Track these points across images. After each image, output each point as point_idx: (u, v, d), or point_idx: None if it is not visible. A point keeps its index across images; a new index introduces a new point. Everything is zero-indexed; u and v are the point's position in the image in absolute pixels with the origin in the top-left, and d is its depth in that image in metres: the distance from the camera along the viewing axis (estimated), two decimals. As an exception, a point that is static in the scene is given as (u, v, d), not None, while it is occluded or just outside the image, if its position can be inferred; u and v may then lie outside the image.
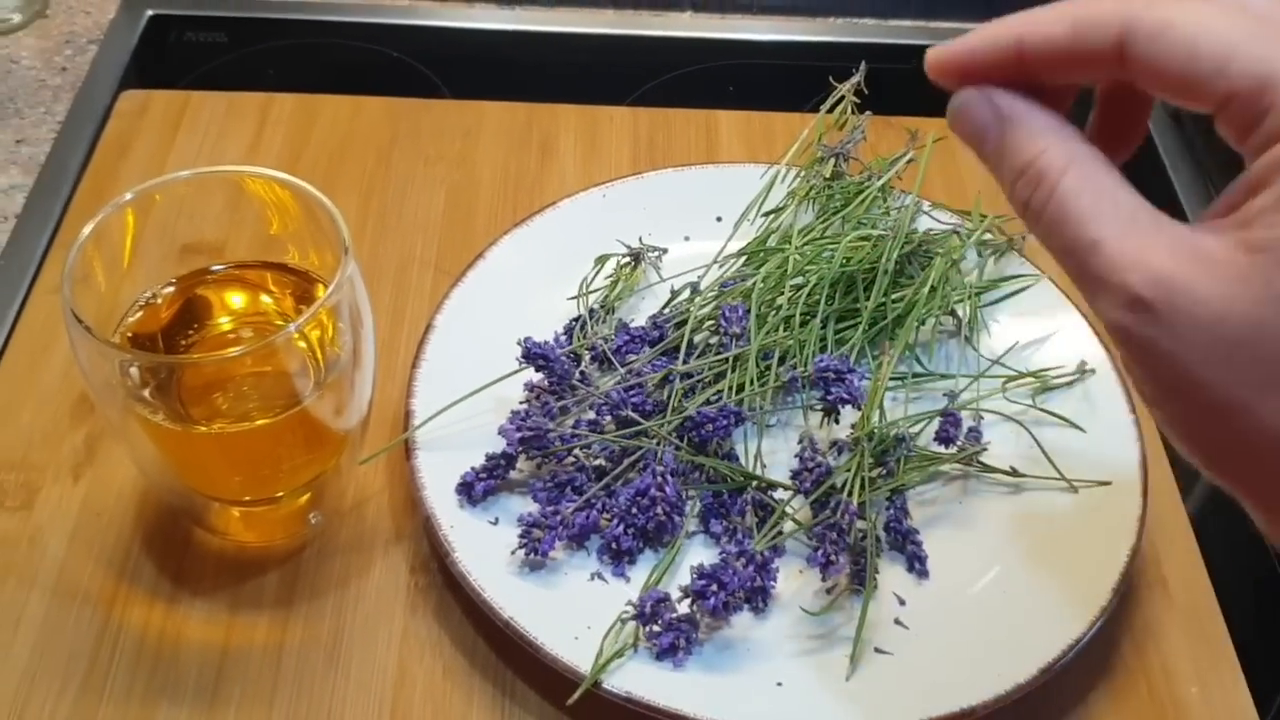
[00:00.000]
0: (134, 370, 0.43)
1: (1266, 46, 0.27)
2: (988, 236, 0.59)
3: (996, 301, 0.58)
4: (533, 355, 0.50)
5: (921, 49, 0.33)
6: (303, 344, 0.45)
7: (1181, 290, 0.27)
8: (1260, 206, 0.27)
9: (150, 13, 0.79)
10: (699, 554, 0.49)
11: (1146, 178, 0.72)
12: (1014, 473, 0.51)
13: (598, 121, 0.70)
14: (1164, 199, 0.71)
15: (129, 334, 0.45)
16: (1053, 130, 0.30)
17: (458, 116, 0.70)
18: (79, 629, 0.47)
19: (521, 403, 0.52)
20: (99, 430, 0.53)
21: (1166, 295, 0.28)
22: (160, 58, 0.77)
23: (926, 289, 0.54)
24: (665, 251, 0.59)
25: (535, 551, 0.47)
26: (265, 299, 0.48)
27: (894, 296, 0.55)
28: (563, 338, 0.56)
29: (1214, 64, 0.27)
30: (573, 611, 0.46)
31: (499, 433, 0.49)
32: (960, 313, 0.56)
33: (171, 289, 0.46)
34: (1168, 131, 0.75)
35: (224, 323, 0.47)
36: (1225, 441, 0.29)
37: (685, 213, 0.61)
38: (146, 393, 0.43)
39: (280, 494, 0.48)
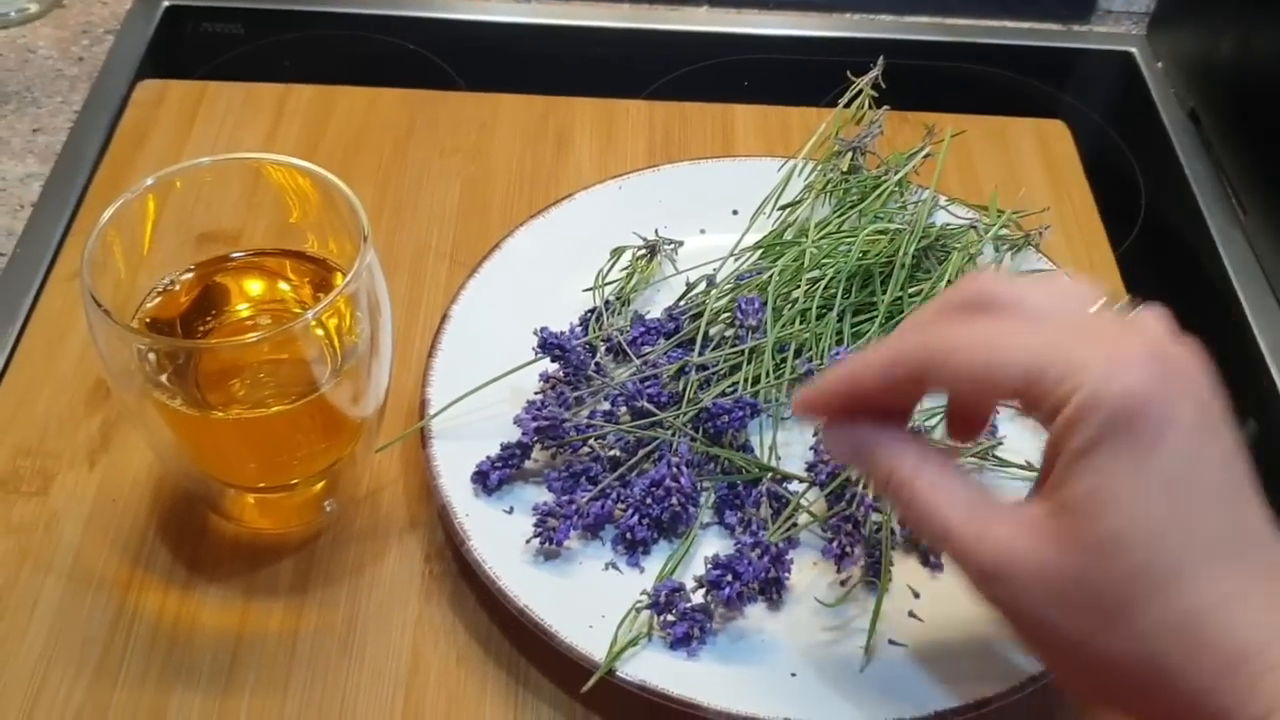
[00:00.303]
0: (152, 355, 0.43)
1: (1029, 353, 0.33)
2: (1004, 232, 0.59)
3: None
4: (549, 345, 0.50)
5: (938, 45, 0.35)
6: (320, 332, 0.45)
7: (1016, 558, 0.33)
8: (1057, 476, 0.33)
9: (167, 3, 0.79)
10: (713, 545, 0.49)
11: (1165, 179, 0.73)
12: (1030, 467, 0.51)
13: (614, 115, 0.70)
14: (1182, 200, 0.71)
15: (147, 319, 0.45)
16: (901, 445, 0.37)
17: (474, 108, 0.70)
18: (94, 614, 0.47)
19: (537, 393, 0.52)
20: (115, 417, 0.53)
21: (1005, 564, 0.34)
22: (176, 48, 0.78)
23: (944, 284, 0.54)
24: (681, 244, 0.59)
25: (550, 540, 0.47)
26: (284, 286, 0.48)
27: (911, 290, 0.55)
28: (578, 329, 0.55)
29: (990, 376, 0.34)
30: (587, 600, 0.46)
31: (515, 422, 0.49)
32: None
33: (190, 275, 0.47)
34: (1186, 133, 0.75)
35: (242, 310, 0.47)
36: (1086, 674, 0.34)
37: (701, 206, 0.61)
38: (164, 378, 0.43)
39: (296, 481, 0.48)
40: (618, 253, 0.58)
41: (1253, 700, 0.31)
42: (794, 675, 0.44)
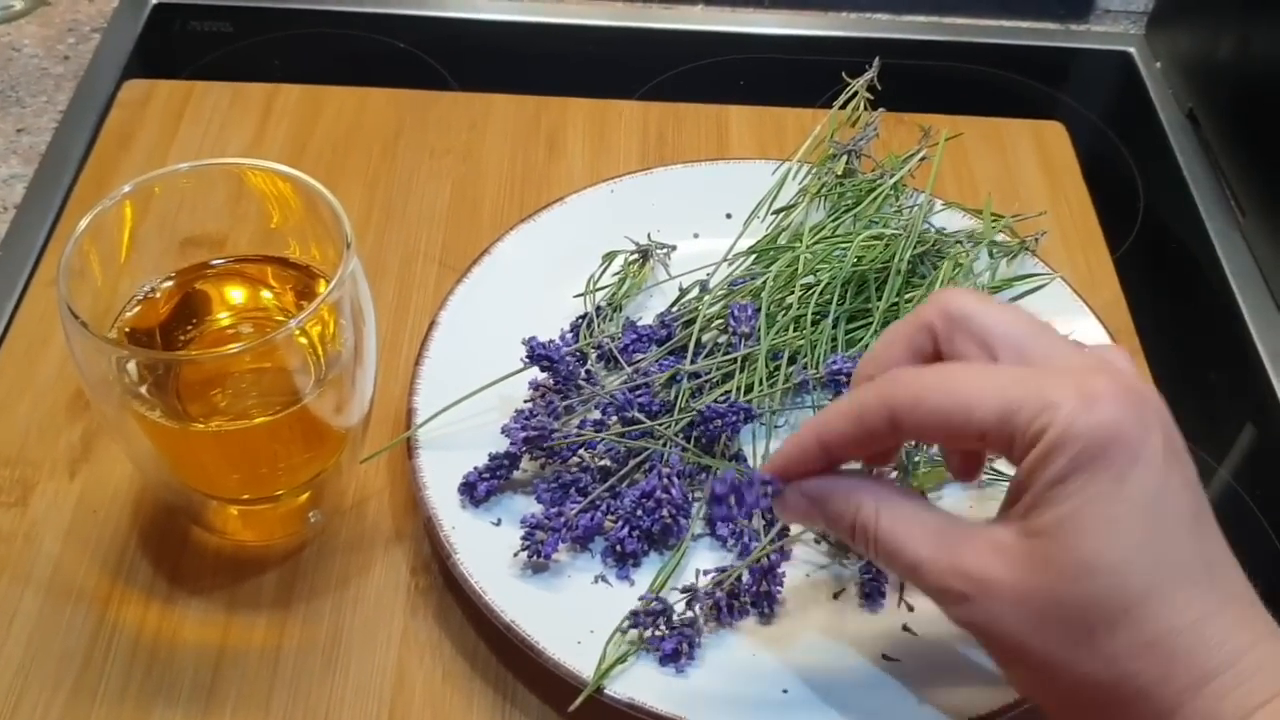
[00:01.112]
0: (131, 366, 0.43)
1: (996, 393, 0.34)
2: (1001, 237, 0.58)
3: (1016, 299, 0.56)
4: (537, 355, 0.50)
5: (935, 44, 0.34)
6: (303, 340, 0.44)
7: (990, 581, 0.34)
8: (1028, 502, 0.34)
9: (154, 1, 0.78)
10: (705, 557, 0.48)
11: (1164, 181, 0.72)
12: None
13: (606, 115, 0.69)
14: (1181, 202, 0.70)
15: (126, 329, 0.44)
16: (858, 489, 0.38)
17: (464, 109, 0.69)
18: (73, 628, 0.46)
19: (526, 401, 0.52)
20: (96, 426, 0.52)
21: (979, 588, 0.35)
22: (164, 47, 0.76)
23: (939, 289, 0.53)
24: (674, 249, 0.59)
25: (538, 554, 0.46)
26: (265, 294, 0.47)
27: (906, 296, 0.54)
28: (569, 335, 0.55)
29: (962, 418, 0.35)
30: (576, 615, 0.45)
31: (503, 432, 0.48)
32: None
33: (170, 283, 0.46)
34: (1184, 134, 0.74)
35: (223, 318, 0.46)
36: (1059, 694, 0.35)
37: (694, 209, 0.60)
38: (144, 389, 0.43)
39: (280, 492, 0.47)
40: (609, 257, 0.57)
41: (1218, 715, 0.32)
42: (785, 692, 0.44)
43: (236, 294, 0.47)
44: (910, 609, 0.47)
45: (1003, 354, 0.36)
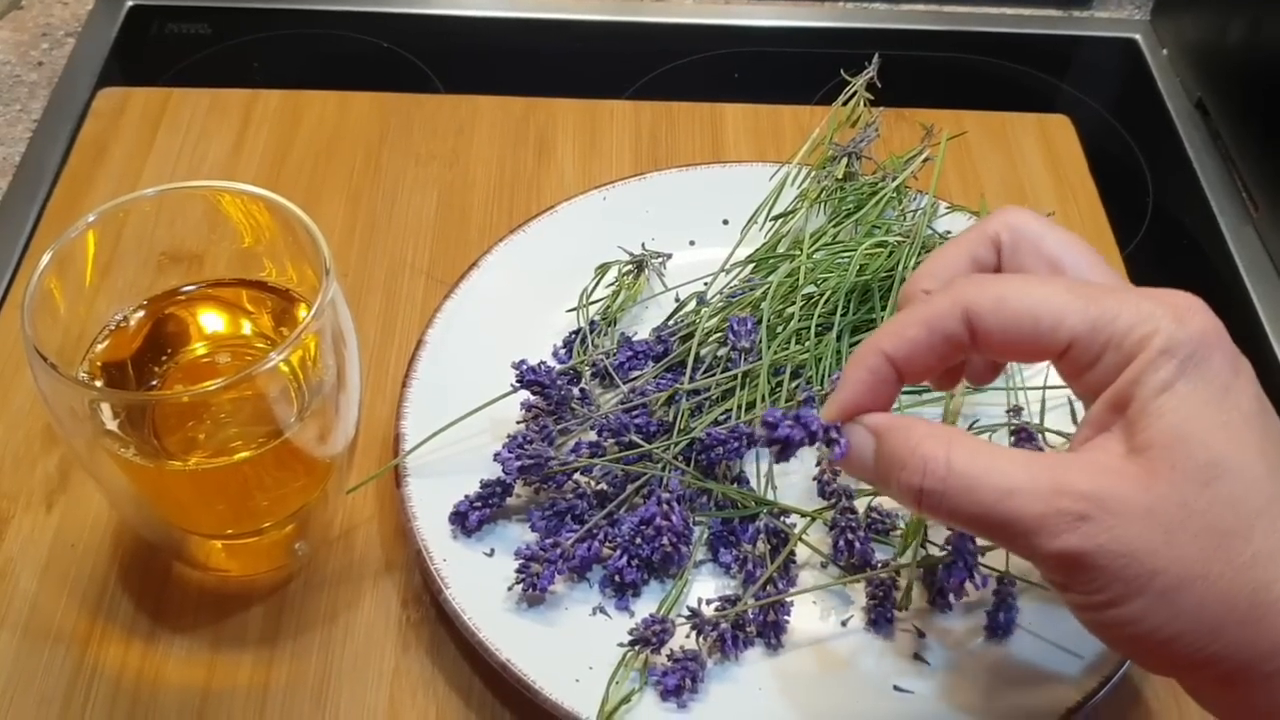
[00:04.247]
0: (103, 404, 0.41)
1: (1087, 303, 0.32)
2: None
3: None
4: (528, 380, 0.48)
5: (935, 35, 0.33)
6: (284, 369, 0.42)
7: (1108, 498, 0.31)
8: (1132, 417, 0.32)
9: (130, 3, 0.76)
10: (707, 585, 0.46)
11: (1173, 173, 0.70)
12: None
13: (597, 116, 0.67)
14: (1191, 195, 0.68)
15: (98, 363, 0.42)
16: (922, 426, 0.33)
17: (451, 111, 0.67)
18: (51, 670, 0.44)
19: (519, 423, 0.50)
20: (73, 455, 0.50)
21: (1098, 506, 0.31)
22: (141, 51, 0.74)
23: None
24: (669, 257, 0.56)
25: (533, 587, 0.44)
26: (242, 319, 0.45)
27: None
28: (562, 352, 0.53)
29: (1051, 322, 0.32)
30: (574, 650, 0.43)
31: (496, 459, 0.47)
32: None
33: (141, 313, 0.44)
34: (1193, 124, 0.72)
35: (199, 348, 0.45)
36: (1191, 617, 0.31)
37: (690, 216, 0.58)
38: (117, 426, 0.41)
39: (264, 525, 0.45)
40: (603, 270, 0.55)
41: None
42: (793, 729, 0.42)
43: (211, 320, 0.45)
44: (921, 635, 0.45)
45: (1071, 273, 0.35)
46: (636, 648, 0.43)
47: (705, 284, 0.54)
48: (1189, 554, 0.31)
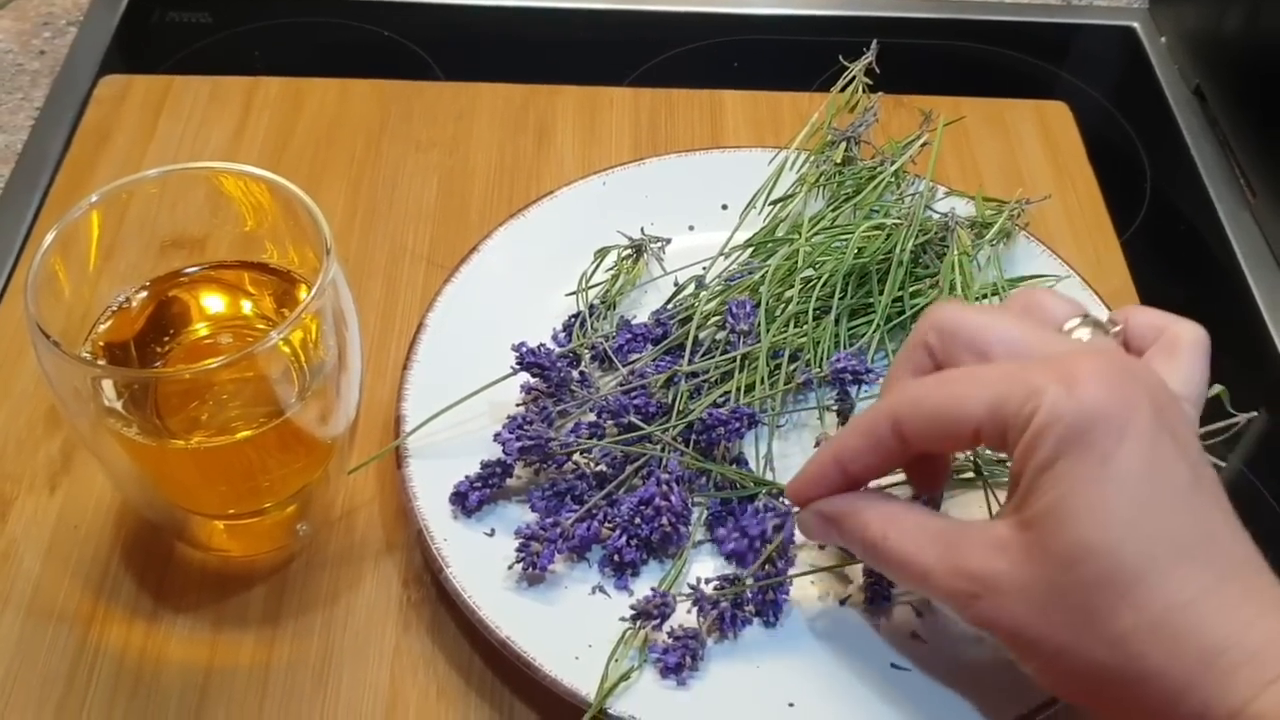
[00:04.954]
0: (106, 383, 0.41)
1: (987, 388, 0.35)
2: (999, 222, 0.56)
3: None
4: (528, 362, 0.48)
5: (933, 23, 0.33)
6: (285, 349, 0.43)
7: (992, 577, 0.35)
8: (1021, 493, 0.34)
9: (131, -8, 0.76)
10: (706, 565, 0.46)
11: (1171, 160, 0.70)
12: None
13: (597, 103, 0.67)
14: (1189, 182, 0.69)
15: (101, 343, 0.43)
16: (865, 507, 0.39)
17: (451, 99, 0.67)
18: (55, 649, 0.45)
19: (519, 405, 0.50)
20: (76, 438, 0.50)
21: (984, 586, 0.35)
22: (142, 39, 0.74)
23: (948, 288, 0.51)
24: (668, 242, 0.57)
25: (534, 566, 0.44)
26: (244, 301, 0.45)
27: (911, 289, 0.52)
28: (561, 335, 0.53)
29: (957, 414, 0.35)
30: (573, 629, 0.43)
31: (496, 440, 0.47)
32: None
33: (144, 293, 0.44)
34: (1191, 111, 0.72)
35: (201, 328, 0.45)
36: (1078, 680, 0.34)
37: (689, 201, 0.58)
38: (120, 405, 0.41)
39: (266, 506, 0.46)
40: (602, 254, 0.55)
41: (1230, 691, 0.32)
42: (791, 705, 0.42)
43: (213, 302, 0.45)
44: (919, 615, 0.45)
45: (996, 355, 0.36)
46: (638, 622, 0.43)
47: (704, 268, 0.54)
48: (1061, 629, 0.34)
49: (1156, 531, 0.33)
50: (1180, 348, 0.39)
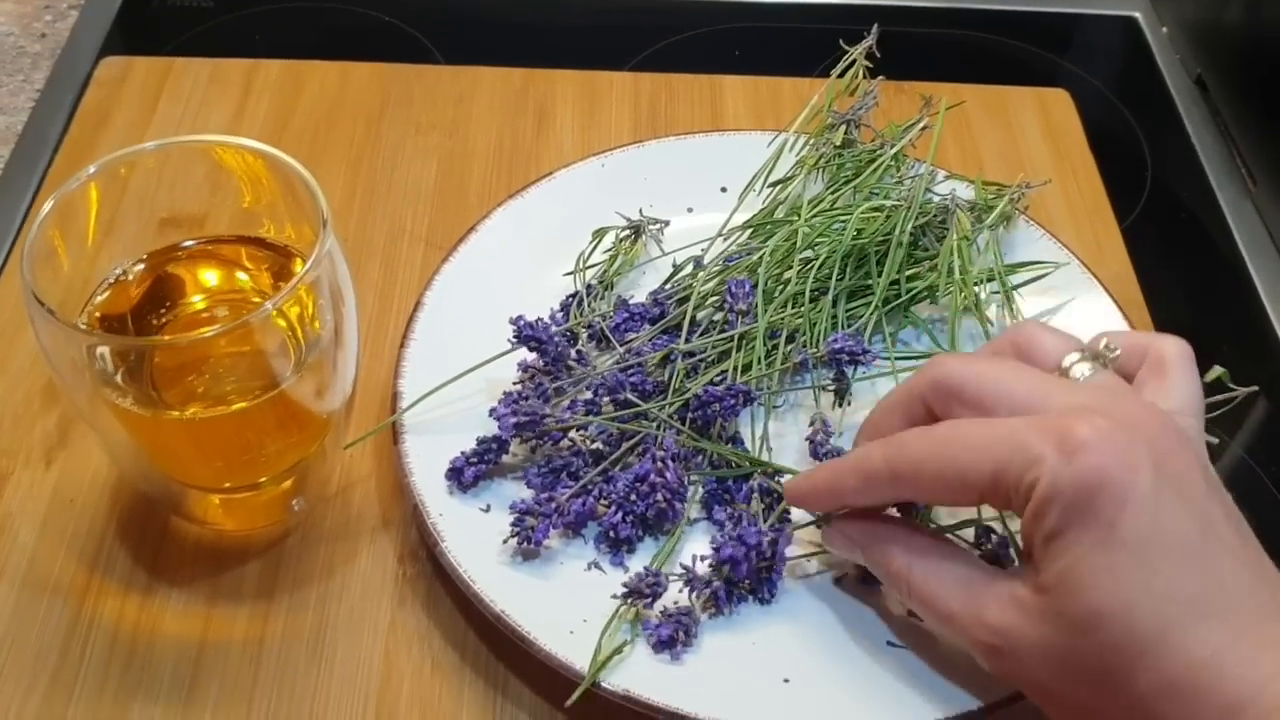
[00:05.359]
0: (103, 353, 0.41)
1: (987, 452, 0.35)
2: (998, 205, 0.55)
3: (1023, 284, 0.54)
4: (525, 336, 0.48)
5: (934, 11, 0.33)
6: (281, 322, 0.43)
7: (1013, 634, 0.36)
8: (1035, 558, 0.35)
9: (133, -24, 0.76)
10: (701, 542, 0.46)
11: (1172, 149, 0.70)
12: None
13: (597, 87, 0.67)
14: (1190, 170, 0.68)
15: (97, 315, 0.43)
16: (891, 538, 0.40)
17: (451, 83, 0.67)
18: (49, 622, 0.45)
19: (515, 383, 0.50)
20: (73, 413, 0.50)
21: (1005, 641, 0.36)
22: (143, 23, 0.74)
23: (946, 272, 0.51)
24: (667, 224, 0.57)
25: (528, 540, 0.44)
26: (241, 276, 0.45)
27: (908, 272, 0.52)
28: (559, 315, 0.53)
29: (958, 483, 0.36)
30: (568, 604, 0.43)
31: (491, 415, 0.47)
32: (984, 295, 0.53)
33: (141, 266, 0.44)
34: (1192, 101, 0.72)
35: (197, 301, 0.45)
36: None
37: (688, 183, 0.58)
38: (117, 377, 0.41)
39: (261, 480, 0.46)
40: (600, 234, 0.55)
41: None
42: (786, 681, 0.42)
43: (211, 276, 0.45)
44: (914, 593, 0.45)
45: (998, 413, 0.37)
46: (630, 600, 0.43)
47: (703, 249, 0.54)
48: (1078, 691, 0.34)
49: (1169, 591, 0.33)
50: (1167, 365, 0.39)
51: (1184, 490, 0.34)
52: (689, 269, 0.53)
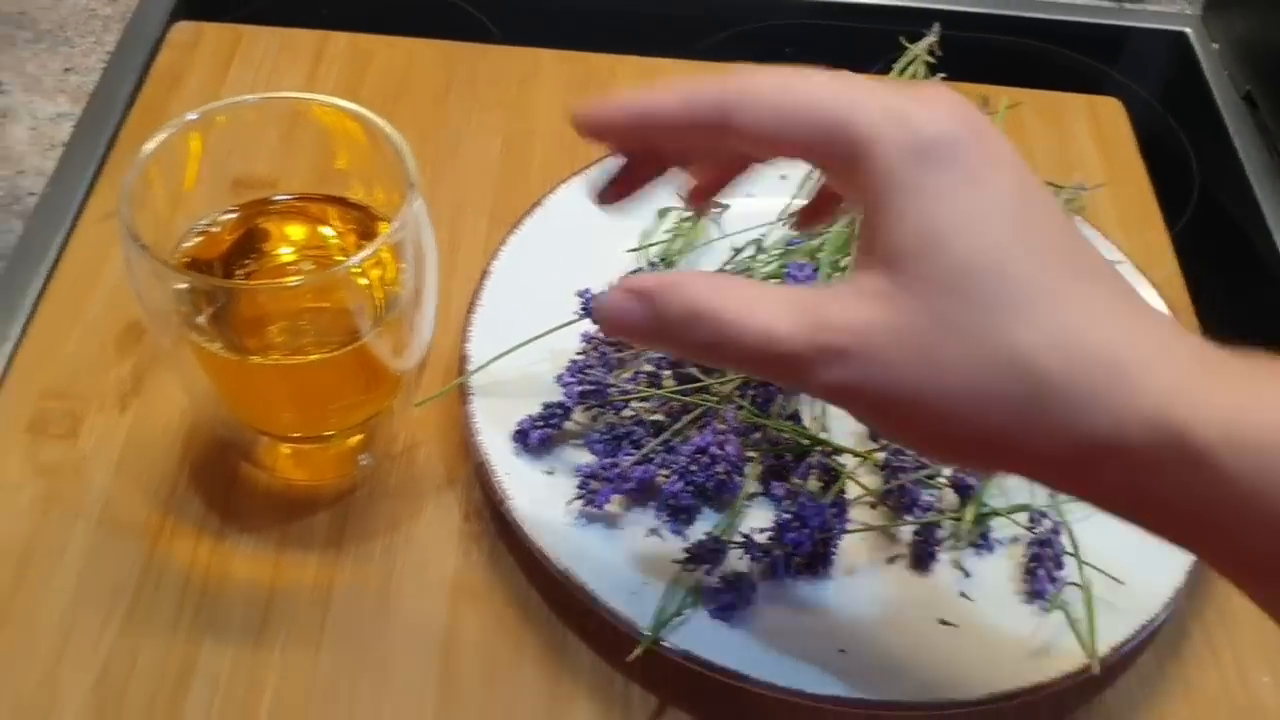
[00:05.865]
0: (190, 295, 0.42)
1: (843, 92, 0.31)
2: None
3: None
4: (592, 309, 0.49)
5: (990, 18, 0.34)
6: (363, 281, 0.44)
7: (867, 325, 0.30)
8: (878, 230, 0.30)
9: (203, -55, 0.77)
10: (760, 517, 0.47)
11: (1220, 163, 0.71)
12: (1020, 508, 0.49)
13: (658, 74, 0.68)
14: (1237, 185, 0.70)
15: (186, 259, 0.44)
16: (696, 276, 0.33)
17: (514, 63, 0.68)
18: (123, 561, 0.46)
19: (579, 354, 0.51)
20: (147, 361, 0.51)
21: (857, 336, 0.30)
22: (212, -8, 0.76)
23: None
24: (727, 207, 0.58)
25: (593, 503, 0.45)
26: (328, 233, 0.47)
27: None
28: (623, 290, 0.54)
29: (798, 115, 0.32)
30: (629, 566, 0.45)
31: (557, 381, 0.48)
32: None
33: (232, 216, 0.45)
34: (1240, 117, 0.73)
35: (284, 254, 0.46)
36: (967, 423, 0.30)
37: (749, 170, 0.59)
38: (202, 319, 0.42)
39: (331, 433, 0.47)
40: (664, 213, 0.56)
41: (1140, 397, 0.28)
42: (842, 652, 0.43)
43: (298, 231, 0.46)
44: (967, 574, 0.46)
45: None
46: (691, 565, 0.44)
47: (762, 233, 0.55)
48: (947, 369, 0.29)
49: (1045, 252, 0.30)
50: None
51: (1039, 180, 0.31)
52: (750, 251, 0.55)
